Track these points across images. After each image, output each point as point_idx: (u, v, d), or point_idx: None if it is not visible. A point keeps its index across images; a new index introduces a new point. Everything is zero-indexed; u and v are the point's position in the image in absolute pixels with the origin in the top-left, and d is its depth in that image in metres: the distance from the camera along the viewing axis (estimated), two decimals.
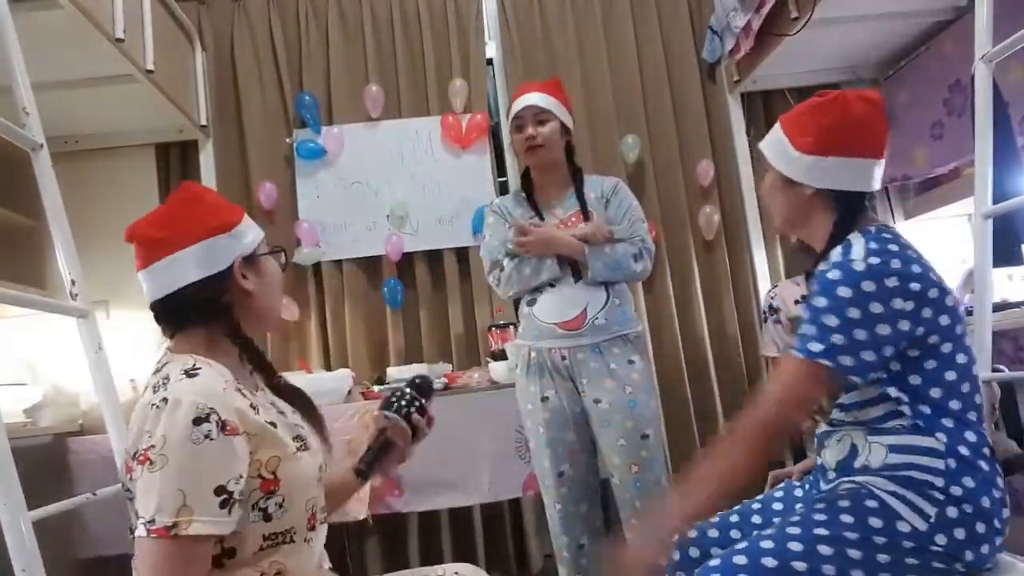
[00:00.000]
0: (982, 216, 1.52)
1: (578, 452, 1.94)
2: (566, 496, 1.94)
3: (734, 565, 1.09)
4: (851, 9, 2.44)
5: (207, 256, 1.08)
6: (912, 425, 1.14)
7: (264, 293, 1.14)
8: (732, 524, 1.32)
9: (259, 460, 1.00)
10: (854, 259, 1.13)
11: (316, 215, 2.87)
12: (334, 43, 2.93)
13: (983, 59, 1.53)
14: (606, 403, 1.88)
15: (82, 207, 1.19)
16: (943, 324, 1.14)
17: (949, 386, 1.14)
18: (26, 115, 1.48)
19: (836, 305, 1.11)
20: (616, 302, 1.94)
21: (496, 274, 2.01)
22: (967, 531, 1.08)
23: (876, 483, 1.13)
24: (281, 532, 1.03)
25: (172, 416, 0.93)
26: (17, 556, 1.11)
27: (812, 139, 1.23)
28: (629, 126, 2.97)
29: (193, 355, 1.04)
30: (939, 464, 1.10)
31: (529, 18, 3.02)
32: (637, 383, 1.90)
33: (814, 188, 1.25)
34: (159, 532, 0.89)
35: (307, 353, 2.84)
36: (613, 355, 1.91)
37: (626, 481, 1.89)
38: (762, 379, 2.84)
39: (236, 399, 1.00)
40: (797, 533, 1.10)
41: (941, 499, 1.09)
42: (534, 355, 1.96)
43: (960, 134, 2.51)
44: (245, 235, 1.13)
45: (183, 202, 1.11)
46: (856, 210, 1.25)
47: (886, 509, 1.09)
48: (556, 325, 1.91)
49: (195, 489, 0.91)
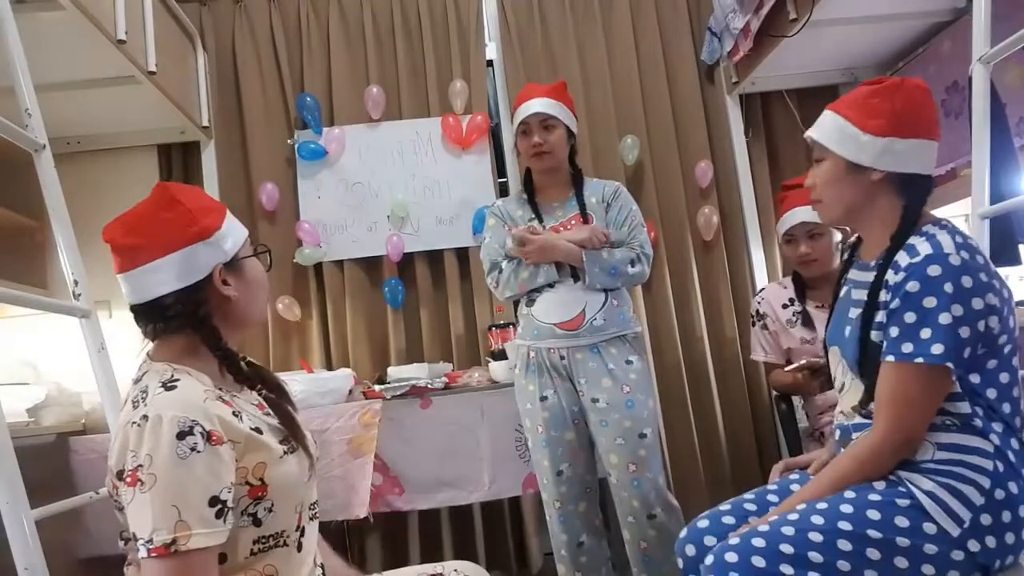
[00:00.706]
0: (979, 217, 1.52)
1: (577, 451, 1.95)
2: (565, 495, 1.95)
3: (752, 546, 1.07)
4: (849, 11, 2.45)
5: (185, 266, 1.04)
6: (964, 424, 1.12)
7: (246, 297, 1.11)
8: (748, 512, 1.30)
9: (245, 467, 0.99)
10: (948, 253, 1.11)
11: (317, 216, 2.88)
12: (335, 45, 2.94)
13: (981, 60, 1.54)
14: (604, 402, 1.89)
15: (84, 208, 1.20)
16: (1010, 324, 1.13)
17: (1002, 388, 1.13)
18: (28, 116, 1.49)
19: (945, 303, 1.08)
20: (614, 303, 1.95)
21: (495, 276, 2.03)
22: (998, 540, 1.06)
23: (915, 480, 1.10)
24: (272, 535, 1.03)
25: (155, 433, 0.91)
26: (20, 554, 1.11)
27: (884, 121, 1.21)
28: (628, 127, 2.98)
29: (171, 364, 1.03)
30: (988, 464, 1.09)
31: (529, 20, 3.03)
32: (635, 383, 1.91)
33: (883, 172, 1.22)
34: (159, 552, 0.88)
35: (308, 353, 2.85)
36: (611, 355, 1.92)
37: (624, 480, 1.90)
38: (759, 381, 2.84)
39: (217, 407, 0.99)
40: (820, 524, 1.08)
41: (980, 504, 1.07)
42: (533, 355, 1.97)
43: (957, 135, 2.51)
44: (225, 240, 1.09)
45: (159, 206, 1.06)
46: (924, 194, 1.24)
47: (917, 509, 1.07)
48: (555, 325, 1.93)
49: (188, 503, 0.90)
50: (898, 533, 1.06)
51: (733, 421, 2.89)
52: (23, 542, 1.12)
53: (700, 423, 2.87)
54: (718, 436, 2.87)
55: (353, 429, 2.25)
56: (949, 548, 1.06)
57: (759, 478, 2.71)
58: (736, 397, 2.90)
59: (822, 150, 1.28)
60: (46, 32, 1.88)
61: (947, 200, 2.72)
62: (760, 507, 1.31)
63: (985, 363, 1.12)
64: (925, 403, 1.11)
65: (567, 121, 2.02)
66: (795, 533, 1.07)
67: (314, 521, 1.16)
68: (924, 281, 1.10)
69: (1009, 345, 1.14)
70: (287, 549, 1.05)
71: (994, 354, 1.12)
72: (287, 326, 2.85)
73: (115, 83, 2.27)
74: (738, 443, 2.88)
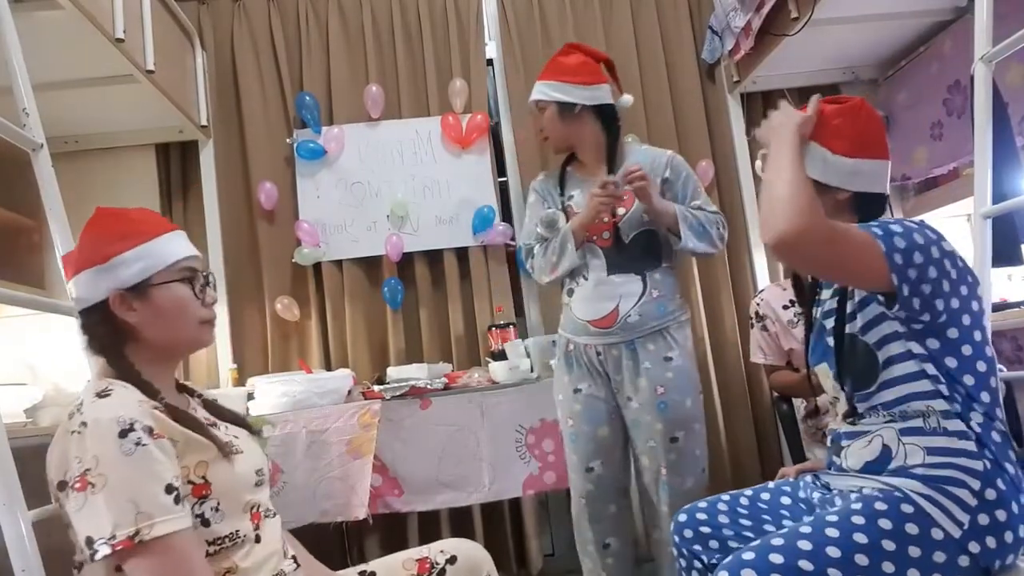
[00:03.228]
0: (981, 216, 1.52)
1: (611, 448, 1.89)
2: (592, 493, 1.88)
3: (769, 563, 1.05)
4: (851, 9, 2.44)
5: (83, 288, 1.10)
6: (945, 412, 1.12)
7: (155, 324, 1.10)
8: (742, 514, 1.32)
9: (187, 466, 1.01)
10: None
11: (316, 215, 2.87)
12: (334, 43, 2.93)
13: (983, 59, 1.54)
14: (636, 403, 1.84)
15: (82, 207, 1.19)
16: (974, 309, 1.14)
17: (979, 377, 1.14)
18: (26, 115, 1.48)
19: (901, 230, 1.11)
20: (654, 294, 1.86)
21: (530, 262, 1.98)
22: (997, 540, 1.06)
23: (910, 486, 1.10)
24: (225, 536, 1.04)
25: (96, 436, 0.93)
26: (16, 556, 1.10)
27: (850, 143, 1.23)
28: (629, 127, 2.96)
29: (109, 379, 1.05)
30: (977, 465, 1.09)
31: (529, 19, 3.02)
32: (671, 381, 1.83)
33: (850, 192, 1.24)
34: (124, 544, 0.89)
35: (307, 353, 2.84)
36: (648, 352, 1.84)
37: (652, 483, 1.86)
38: (760, 381, 2.83)
39: (153, 412, 1.01)
40: (835, 537, 1.06)
41: (974, 504, 1.07)
42: (571, 348, 1.92)
43: (959, 134, 2.51)
44: (126, 266, 1.09)
45: (84, 228, 1.13)
46: (880, 213, 1.26)
47: (922, 515, 1.07)
48: (588, 323, 1.87)
49: (144, 496, 0.91)
50: (910, 542, 1.05)
51: (733, 422, 2.88)
52: (20, 543, 1.11)
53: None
54: (718, 436, 2.86)
55: (352, 430, 2.24)
56: (956, 553, 1.05)
57: (759, 479, 2.70)
58: (736, 398, 2.90)
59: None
60: (44, 31, 1.88)
61: (949, 200, 2.73)
62: (752, 502, 1.33)
63: (959, 347, 1.13)
64: (852, 239, 1.10)
65: (557, 95, 1.92)
66: (812, 547, 1.06)
67: (274, 518, 1.18)
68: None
69: (978, 331, 1.15)
70: (245, 547, 1.07)
71: (965, 339, 1.13)
72: (286, 326, 2.84)
73: (113, 82, 2.26)
74: (738, 444, 2.88)
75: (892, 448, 1.16)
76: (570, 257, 1.86)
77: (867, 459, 1.19)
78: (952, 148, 2.58)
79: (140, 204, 1.45)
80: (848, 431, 1.24)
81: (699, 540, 1.32)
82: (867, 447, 1.20)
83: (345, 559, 2.64)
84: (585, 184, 1.95)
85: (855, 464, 1.21)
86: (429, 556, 1.28)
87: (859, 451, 1.21)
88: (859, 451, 1.21)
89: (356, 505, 2.19)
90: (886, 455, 1.16)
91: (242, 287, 2.85)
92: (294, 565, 1.17)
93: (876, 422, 1.20)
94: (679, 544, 1.35)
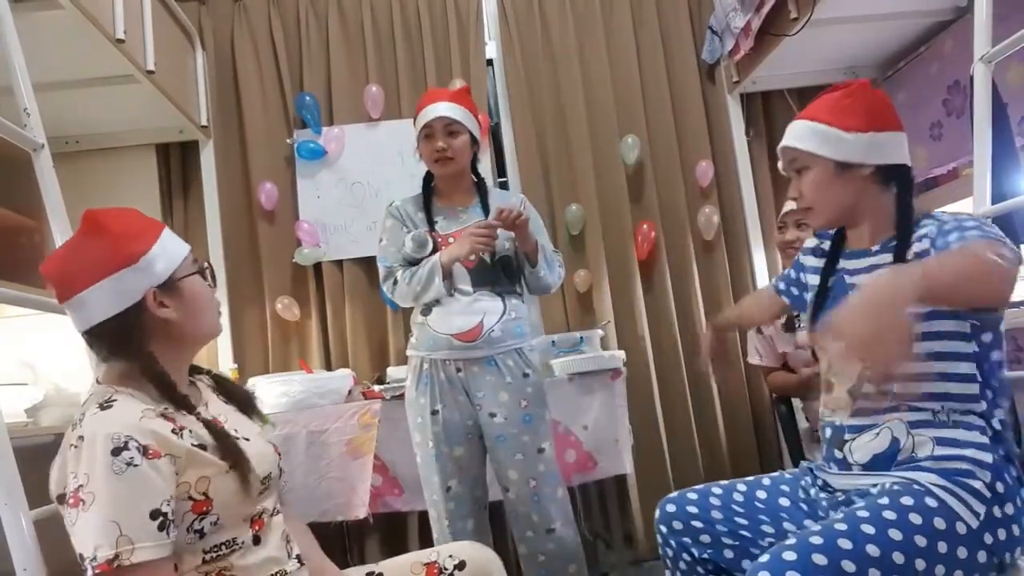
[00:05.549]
0: (981, 216, 1.52)
1: (466, 467, 1.89)
2: (453, 512, 1.89)
3: (814, 564, 1.01)
4: (850, 9, 2.44)
5: (115, 293, 1.05)
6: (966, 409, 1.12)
7: (188, 317, 1.11)
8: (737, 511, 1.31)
9: (187, 482, 0.99)
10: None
11: (316, 215, 2.87)
12: (334, 44, 2.93)
13: (982, 59, 1.54)
14: (501, 417, 1.84)
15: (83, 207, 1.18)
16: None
17: (992, 365, 1.15)
18: (27, 116, 1.48)
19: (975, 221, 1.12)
20: (512, 315, 1.89)
21: (389, 285, 1.93)
22: (1007, 532, 1.06)
23: (927, 479, 1.09)
24: (222, 543, 1.03)
25: (90, 453, 0.92)
26: (18, 555, 1.11)
27: (862, 119, 1.23)
28: (629, 127, 2.97)
29: (114, 386, 1.04)
30: (986, 458, 1.09)
31: (529, 19, 3.02)
32: (532, 396, 1.87)
33: (873, 166, 1.24)
34: (103, 568, 0.89)
35: (307, 353, 2.84)
36: (508, 368, 1.86)
37: (523, 495, 1.86)
38: (759, 382, 2.83)
39: (156, 424, 0.99)
40: (872, 534, 1.03)
41: (988, 496, 1.07)
42: (427, 367, 1.89)
43: (959, 134, 2.51)
44: (156, 263, 1.08)
45: (87, 235, 1.07)
46: (910, 183, 1.26)
47: (946, 508, 1.06)
48: (451, 336, 1.85)
49: (129, 518, 0.91)
50: (939, 537, 1.04)
51: (733, 422, 2.88)
52: (21, 543, 1.11)
53: (700, 424, 2.87)
54: (718, 437, 2.86)
55: (352, 430, 2.24)
56: (976, 548, 1.05)
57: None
58: (736, 398, 2.90)
59: (807, 157, 1.28)
60: (45, 31, 1.88)
61: (948, 200, 2.72)
62: (748, 499, 1.32)
63: (998, 345, 1.14)
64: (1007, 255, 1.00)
65: (471, 128, 1.94)
66: (853, 546, 1.02)
67: (276, 517, 1.17)
68: (953, 218, 1.16)
69: (1001, 327, 1.16)
70: (241, 551, 1.06)
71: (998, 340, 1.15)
72: (286, 326, 2.84)
73: (114, 82, 2.26)
74: (738, 444, 2.88)
75: (901, 440, 1.15)
76: (436, 291, 1.85)
77: (876, 452, 1.17)
78: (952, 148, 2.58)
79: (140, 204, 1.46)
80: (853, 424, 1.22)
81: (689, 533, 1.30)
82: (875, 439, 1.18)
83: (345, 559, 2.64)
84: (447, 212, 1.97)
85: (862, 458, 1.19)
86: (438, 561, 1.25)
87: (867, 444, 1.19)
88: (867, 444, 1.19)
89: (356, 505, 2.19)
90: (894, 447, 1.15)
91: (242, 287, 2.85)
92: (297, 564, 1.16)
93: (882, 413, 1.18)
94: (665, 535, 1.33)
